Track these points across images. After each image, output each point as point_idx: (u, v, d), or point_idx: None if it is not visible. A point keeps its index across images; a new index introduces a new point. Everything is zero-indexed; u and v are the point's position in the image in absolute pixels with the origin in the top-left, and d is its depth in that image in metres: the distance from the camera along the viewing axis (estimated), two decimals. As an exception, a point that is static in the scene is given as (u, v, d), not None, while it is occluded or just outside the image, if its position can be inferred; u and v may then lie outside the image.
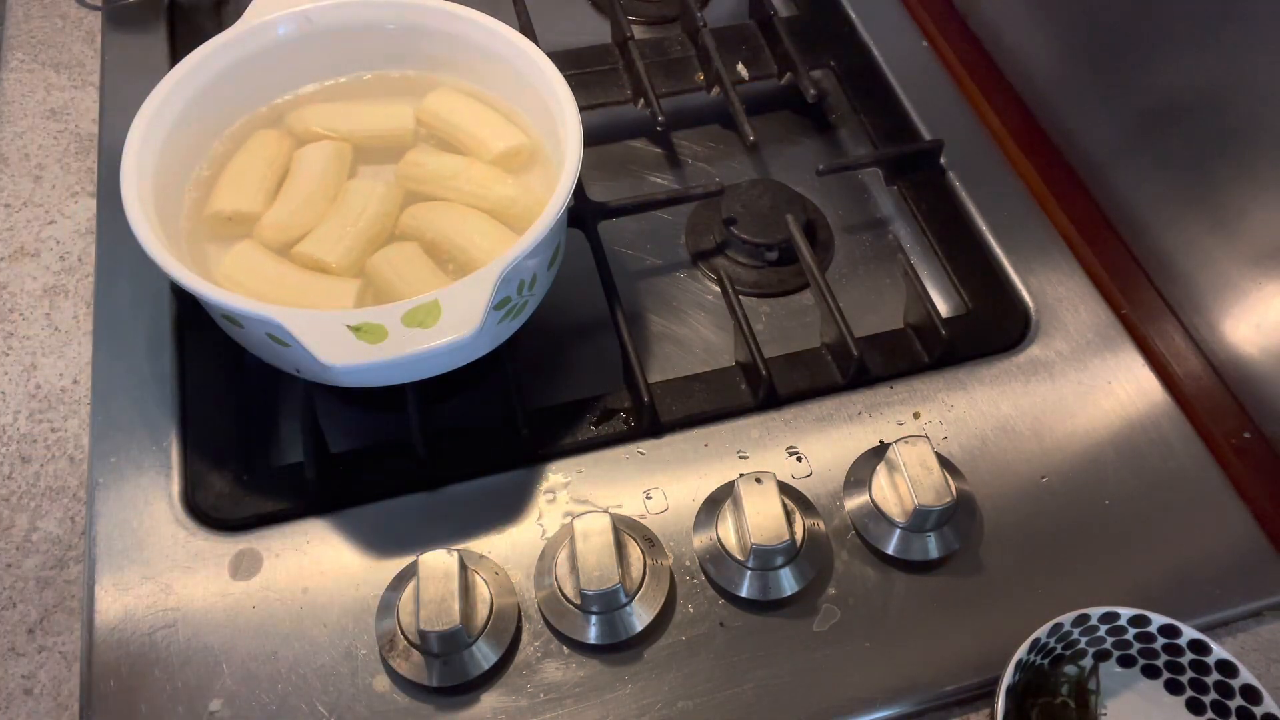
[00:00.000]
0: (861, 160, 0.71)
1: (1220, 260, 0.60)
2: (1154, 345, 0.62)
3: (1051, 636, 0.48)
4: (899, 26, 0.80)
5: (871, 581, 0.53)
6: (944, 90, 0.76)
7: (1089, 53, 0.68)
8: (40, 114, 0.71)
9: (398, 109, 0.62)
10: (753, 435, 0.57)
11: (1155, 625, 0.48)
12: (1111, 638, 0.50)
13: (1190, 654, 0.48)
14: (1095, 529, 0.55)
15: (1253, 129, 0.57)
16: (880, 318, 0.65)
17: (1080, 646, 0.50)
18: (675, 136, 0.75)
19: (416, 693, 0.48)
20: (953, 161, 0.71)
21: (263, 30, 0.60)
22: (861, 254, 0.69)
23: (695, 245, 0.68)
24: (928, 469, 0.52)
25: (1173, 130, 0.62)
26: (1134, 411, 0.59)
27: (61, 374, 0.59)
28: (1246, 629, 0.53)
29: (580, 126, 0.56)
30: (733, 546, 0.52)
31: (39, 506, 0.54)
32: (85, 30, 0.77)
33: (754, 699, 0.49)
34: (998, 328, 0.63)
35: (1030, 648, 0.47)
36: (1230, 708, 0.48)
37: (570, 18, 0.82)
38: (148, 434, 0.56)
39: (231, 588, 0.51)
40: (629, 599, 0.50)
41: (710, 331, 0.64)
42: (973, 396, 0.60)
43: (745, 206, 0.67)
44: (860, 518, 0.54)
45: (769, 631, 0.51)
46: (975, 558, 0.53)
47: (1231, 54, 0.57)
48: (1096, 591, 0.53)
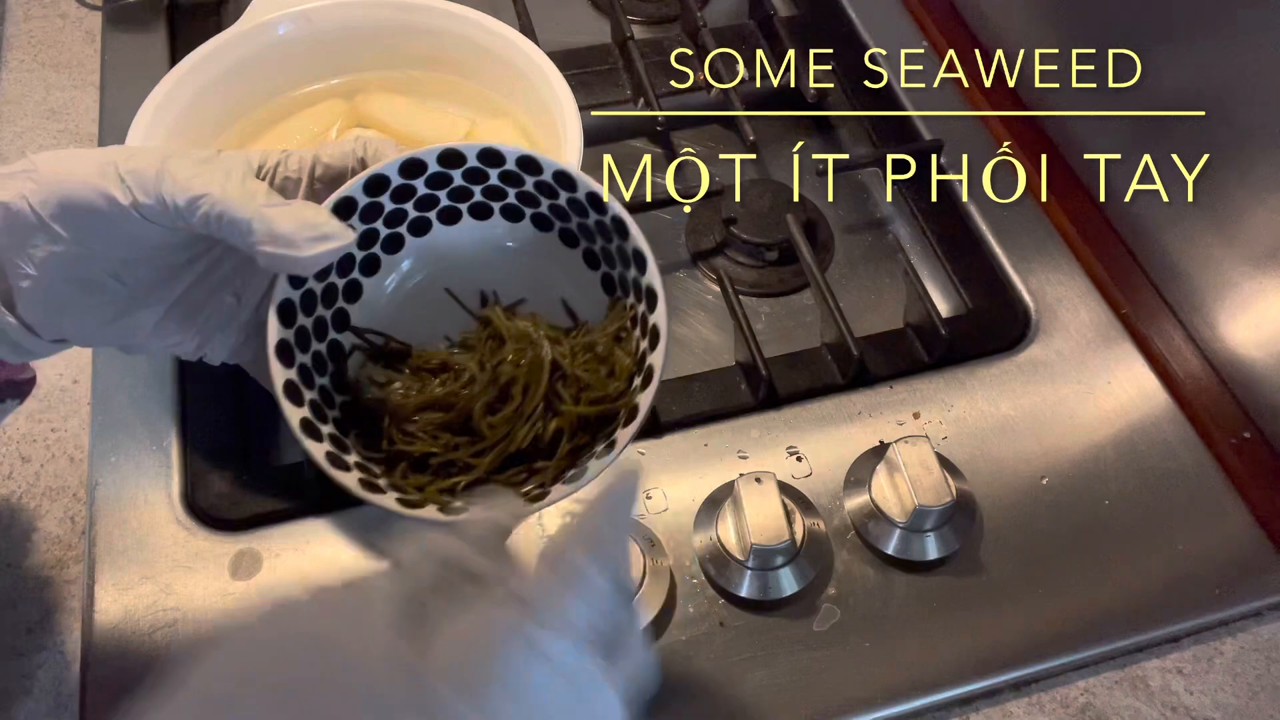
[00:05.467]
0: (861, 160, 0.71)
1: (1220, 260, 0.60)
2: (1154, 345, 0.62)
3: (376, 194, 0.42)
4: (899, 26, 0.80)
5: (871, 581, 0.53)
6: (944, 90, 0.76)
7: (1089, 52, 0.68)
8: (40, 114, 0.71)
9: (454, 120, 0.62)
10: (753, 435, 0.57)
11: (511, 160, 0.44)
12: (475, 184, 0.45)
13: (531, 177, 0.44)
14: (1095, 529, 0.55)
15: (1253, 129, 0.57)
16: (880, 318, 0.65)
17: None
18: (675, 136, 0.75)
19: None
20: (953, 161, 0.71)
21: (263, 30, 0.60)
22: (861, 254, 0.69)
23: (695, 245, 0.68)
24: (928, 469, 0.52)
25: (1173, 130, 0.62)
26: (1134, 411, 0.59)
27: (61, 374, 0.59)
28: (1246, 629, 0.53)
29: (580, 126, 0.56)
30: (733, 546, 0.51)
31: (39, 506, 0.54)
32: (85, 30, 0.77)
33: (754, 699, 0.49)
34: (998, 328, 0.63)
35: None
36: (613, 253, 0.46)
37: (570, 18, 0.82)
38: (148, 434, 0.56)
39: (231, 587, 0.51)
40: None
41: (710, 331, 0.64)
42: (973, 396, 0.60)
43: (745, 206, 0.67)
44: (860, 518, 0.54)
45: (769, 631, 0.51)
46: (975, 558, 0.53)
47: (1231, 54, 0.57)
48: (1096, 591, 0.53)
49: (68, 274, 0.37)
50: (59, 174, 0.36)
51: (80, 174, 0.36)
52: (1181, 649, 0.53)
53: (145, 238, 0.37)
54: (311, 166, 0.39)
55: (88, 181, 0.35)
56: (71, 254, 0.36)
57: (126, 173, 0.35)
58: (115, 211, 0.35)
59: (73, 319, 0.38)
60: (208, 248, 0.40)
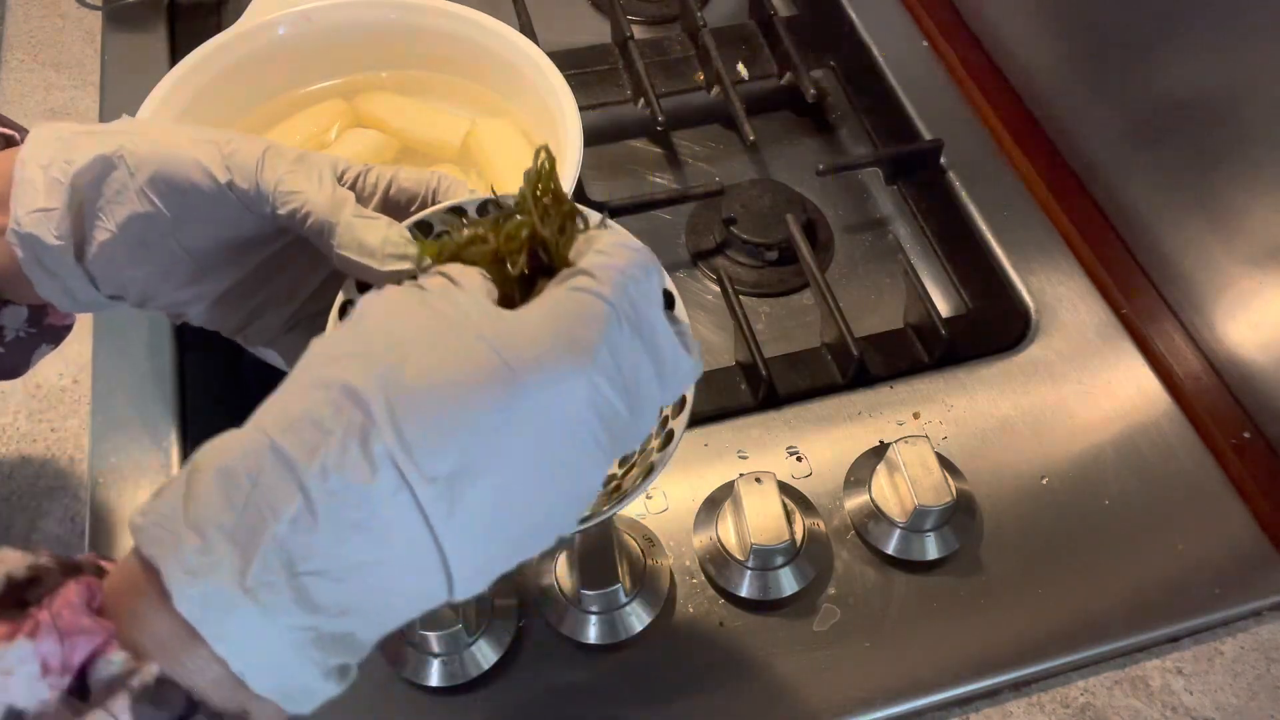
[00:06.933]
0: (861, 160, 0.71)
1: (1220, 260, 0.60)
2: (1154, 345, 0.62)
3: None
4: (899, 26, 0.80)
5: (871, 581, 0.53)
6: (944, 90, 0.76)
7: (1089, 52, 0.68)
8: (40, 114, 0.71)
9: (454, 120, 0.62)
10: (753, 435, 0.57)
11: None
12: None
13: None
14: (1095, 529, 0.55)
15: (1253, 129, 0.57)
16: (880, 318, 0.65)
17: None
18: (675, 136, 0.75)
19: (416, 692, 0.48)
20: (953, 161, 0.71)
21: (262, 30, 0.60)
22: (861, 254, 0.69)
23: (695, 245, 0.68)
24: (928, 469, 0.52)
25: (1173, 130, 0.62)
26: (1134, 411, 0.59)
27: (61, 373, 0.59)
28: (1246, 629, 0.53)
29: (580, 126, 0.56)
30: (733, 546, 0.51)
31: (39, 506, 0.54)
32: (85, 30, 0.77)
33: (754, 699, 0.49)
34: (998, 328, 0.63)
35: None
36: None
37: (570, 18, 0.82)
38: (148, 434, 0.56)
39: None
40: (629, 599, 0.50)
41: (710, 331, 0.64)
42: (973, 396, 0.60)
43: (745, 206, 0.67)
44: (860, 518, 0.54)
45: (769, 631, 0.51)
46: (975, 558, 0.53)
47: (1231, 54, 0.57)
48: (1096, 591, 0.53)
49: (145, 237, 0.38)
50: (162, 141, 0.37)
51: (184, 147, 0.37)
52: (1181, 649, 0.53)
53: (229, 219, 0.38)
54: (388, 185, 0.40)
55: (193, 156, 0.37)
56: (155, 220, 0.37)
57: (229, 154, 0.37)
58: (212, 190, 0.37)
59: (136, 281, 0.40)
60: (279, 237, 0.41)
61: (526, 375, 0.28)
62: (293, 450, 0.27)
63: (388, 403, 0.27)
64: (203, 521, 0.27)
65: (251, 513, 0.26)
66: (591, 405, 0.29)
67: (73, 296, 0.40)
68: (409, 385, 0.27)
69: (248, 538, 0.26)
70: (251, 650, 0.27)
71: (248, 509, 0.26)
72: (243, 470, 0.27)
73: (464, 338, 0.28)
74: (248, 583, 0.26)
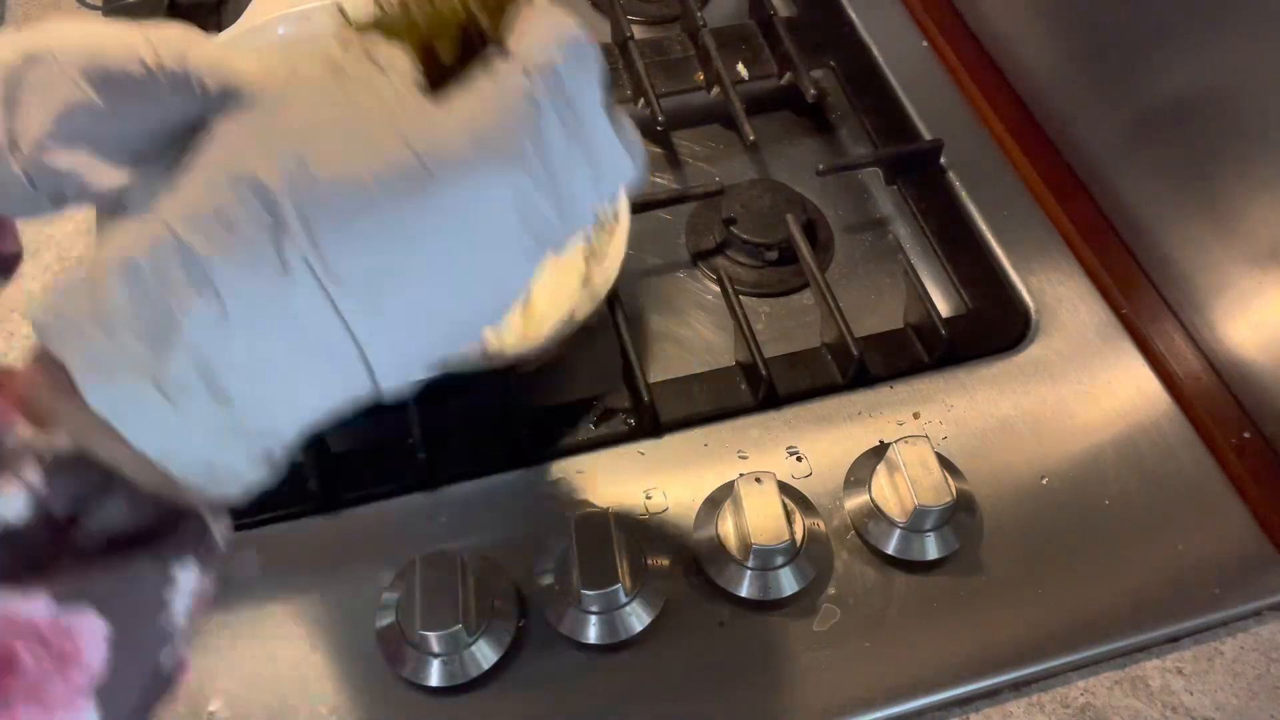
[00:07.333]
0: (861, 160, 0.71)
1: (1220, 260, 0.60)
2: (1154, 345, 0.62)
3: None
4: (899, 26, 0.80)
5: (871, 581, 0.53)
6: (944, 90, 0.76)
7: (1089, 52, 0.68)
8: (40, 114, 0.71)
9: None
10: (753, 435, 0.57)
11: None
12: None
13: None
14: (1095, 529, 0.55)
15: (1253, 129, 0.57)
16: (880, 318, 0.65)
17: None
18: (675, 136, 0.75)
19: (416, 692, 0.48)
20: (953, 161, 0.71)
21: (263, 30, 0.60)
22: (861, 254, 0.69)
23: (695, 245, 0.68)
24: (928, 469, 0.52)
25: (1173, 130, 0.62)
26: (1134, 411, 0.59)
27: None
28: (1246, 629, 0.53)
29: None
30: (733, 546, 0.52)
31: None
32: (85, 30, 0.77)
33: (754, 699, 0.49)
34: (998, 328, 0.63)
35: None
36: None
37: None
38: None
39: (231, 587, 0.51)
40: (629, 599, 0.50)
41: (710, 331, 0.64)
42: (973, 396, 0.60)
43: (745, 206, 0.67)
44: (860, 518, 0.54)
45: (769, 631, 0.51)
46: (975, 558, 0.53)
47: (1231, 54, 0.57)
48: (1096, 591, 0.53)
49: (80, 127, 0.37)
50: (91, 32, 0.36)
51: (113, 35, 0.36)
52: (1181, 649, 0.52)
53: (163, 104, 0.37)
54: None
55: (123, 42, 0.36)
56: (89, 109, 0.36)
57: (158, 40, 0.36)
58: (143, 75, 0.36)
59: (72, 174, 0.38)
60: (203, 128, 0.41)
61: (443, 176, 0.27)
62: (202, 249, 0.26)
63: (297, 201, 0.26)
64: (110, 318, 0.26)
65: (162, 310, 0.26)
66: (516, 209, 0.28)
67: (8, 196, 0.39)
68: (321, 183, 0.26)
69: (158, 335, 0.26)
70: (169, 441, 0.26)
71: (157, 306, 0.26)
72: (149, 267, 0.26)
73: (381, 132, 0.27)
74: (160, 378, 0.26)
